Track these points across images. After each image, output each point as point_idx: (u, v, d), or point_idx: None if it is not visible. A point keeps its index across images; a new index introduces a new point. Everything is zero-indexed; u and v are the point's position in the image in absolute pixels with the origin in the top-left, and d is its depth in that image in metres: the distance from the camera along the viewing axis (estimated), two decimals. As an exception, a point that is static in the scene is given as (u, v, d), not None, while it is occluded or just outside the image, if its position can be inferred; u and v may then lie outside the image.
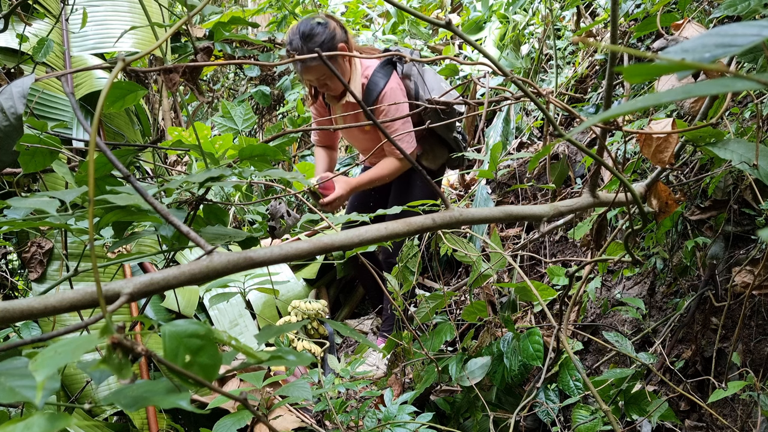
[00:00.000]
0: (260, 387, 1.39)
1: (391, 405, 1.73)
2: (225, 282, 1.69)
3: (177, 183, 0.94)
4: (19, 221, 0.89)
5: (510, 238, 2.80)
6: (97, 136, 0.56)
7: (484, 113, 1.40)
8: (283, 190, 2.86)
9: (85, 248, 1.39)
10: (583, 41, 0.48)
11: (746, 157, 1.00)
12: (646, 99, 0.39)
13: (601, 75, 2.97)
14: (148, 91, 3.67)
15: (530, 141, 3.22)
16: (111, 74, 0.59)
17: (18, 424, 0.48)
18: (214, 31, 2.03)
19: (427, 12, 4.96)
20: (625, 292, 2.12)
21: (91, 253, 0.52)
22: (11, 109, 0.91)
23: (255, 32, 4.41)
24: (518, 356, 1.65)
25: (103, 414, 2.02)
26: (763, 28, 0.40)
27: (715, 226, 1.79)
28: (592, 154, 0.91)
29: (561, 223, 1.88)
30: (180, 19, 2.13)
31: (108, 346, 0.47)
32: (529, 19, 3.66)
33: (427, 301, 1.90)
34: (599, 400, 1.05)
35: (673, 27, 1.32)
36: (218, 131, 3.55)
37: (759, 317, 1.68)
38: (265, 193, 3.86)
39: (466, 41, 0.82)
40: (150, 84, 3.55)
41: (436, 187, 0.82)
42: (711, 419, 1.68)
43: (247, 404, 0.53)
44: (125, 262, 1.01)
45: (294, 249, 0.67)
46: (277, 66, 2.13)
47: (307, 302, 2.57)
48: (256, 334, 0.76)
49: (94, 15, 2.51)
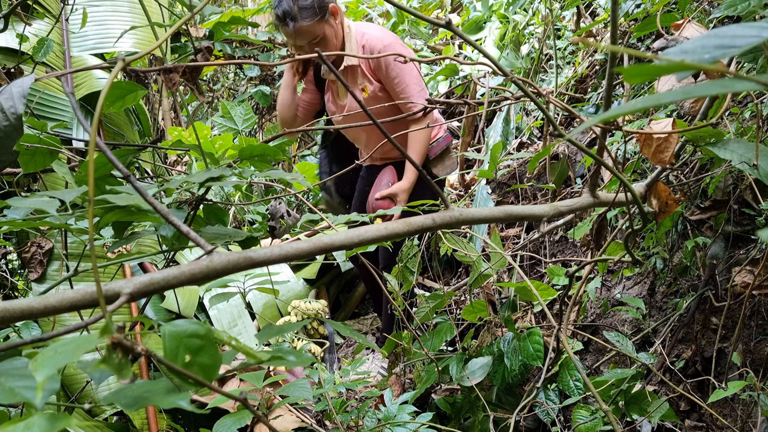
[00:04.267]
0: (260, 387, 1.39)
1: (391, 405, 1.73)
2: (225, 282, 1.69)
3: (177, 183, 0.94)
4: (19, 221, 0.89)
5: (510, 238, 2.80)
6: (97, 136, 0.56)
7: (484, 113, 1.40)
8: (283, 190, 2.85)
9: (85, 248, 1.39)
10: (583, 41, 0.48)
11: (746, 157, 1.00)
12: (646, 99, 0.39)
13: (601, 75, 2.97)
14: (148, 91, 3.67)
15: (530, 141, 3.22)
16: (111, 74, 0.59)
17: (18, 424, 0.48)
18: (214, 31, 2.03)
19: (427, 12, 4.96)
20: (625, 292, 2.12)
21: (91, 253, 0.52)
22: (11, 109, 0.91)
23: (255, 32, 4.40)
24: (518, 356, 1.65)
25: (103, 414, 2.03)
26: (762, 29, 0.40)
27: (715, 226, 1.79)
28: (592, 154, 0.91)
29: (561, 223, 1.88)
30: (180, 19, 2.13)
31: (108, 346, 0.47)
32: (529, 19, 3.65)
33: (427, 301, 1.90)
34: (599, 400, 1.06)
35: (673, 27, 1.32)
36: (218, 131, 3.55)
37: (759, 317, 1.68)
38: (265, 193, 3.86)
39: (466, 41, 0.82)
40: (150, 84, 3.55)
41: (437, 187, 0.82)
42: (711, 419, 1.68)
43: (247, 404, 0.53)
44: (125, 262, 1.01)
45: (294, 249, 0.67)
46: (277, 66, 2.12)
47: (307, 302, 2.57)
48: (256, 334, 0.76)
49: (94, 15, 2.51)
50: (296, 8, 2.15)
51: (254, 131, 4.67)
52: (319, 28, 2.20)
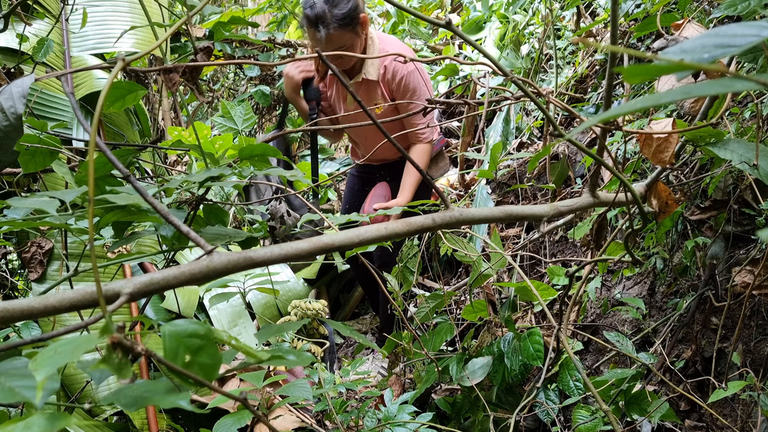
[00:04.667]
0: (260, 387, 1.39)
1: (391, 405, 1.73)
2: (225, 282, 1.69)
3: (177, 183, 0.94)
4: (19, 221, 0.89)
5: (510, 238, 2.80)
6: (97, 136, 0.56)
7: (484, 113, 1.40)
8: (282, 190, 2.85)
9: (85, 248, 1.39)
10: (583, 41, 0.48)
11: (746, 157, 1.00)
12: (646, 99, 0.39)
13: (601, 75, 2.97)
14: (148, 91, 3.67)
15: (530, 141, 3.22)
16: (111, 74, 0.59)
17: (18, 424, 0.48)
18: (214, 31, 2.03)
19: (427, 12, 4.96)
20: (625, 292, 2.12)
21: (91, 253, 0.52)
22: (11, 109, 0.91)
23: (255, 32, 4.41)
24: (518, 356, 1.65)
25: (103, 414, 2.02)
26: (762, 29, 0.40)
27: (715, 226, 1.79)
28: (592, 154, 0.91)
29: (561, 223, 1.88)
30: (180, 19, 2.13)
31: (108, 346, 0.47)
32: (529, 19, 3.65)
33: (427, 301, 1.90)
34: (599, 400, 1.05)
35: (673, 27, 1.32)
36: (218, 131, 3.55)
37: (759, 317, 1.68)
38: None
39: (466, 41, 0.82)
40: (150, 84, 3.55)
41: (437, 187, 0.82)
42: (711, 419, 1.68)
43: (247, 404, 0.53)
44: (125, 262, 1.01)
45: (294, 249, 0.67)
46: (277, 66, 2.11)
47: (307, 302, 2.57)
48: (256, 334, 0.76)
49: (94, 15, 2.51)
50: (330, 15, 2.08)
51: (254, 131, 4.67)
52: (349, 37, 2.16)
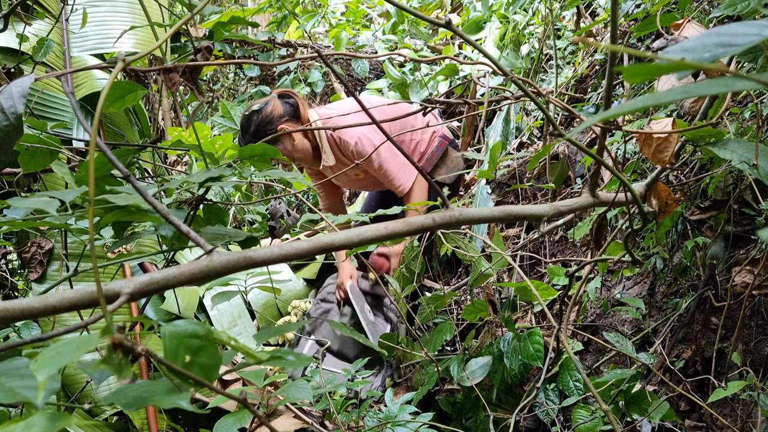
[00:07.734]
0: (261, 387, 1.39)
1: (392, 405, 1.73)
2: (226, 281, 1.69)
3: (177, 183, 0.94)
4: (19, 221, 0.89)
5: (510, 238, 2.80)
6: (97, 136, 0.56)
7: (484, 113, 1.40)
8: (283, 190, 2.87)
9: (85, 248, 1.39)
10: (583, 41, 0.48)
11: (746, 157, 1.00)
12: (646, 99, 0.39)
13: (601, 75, 2.97)
14: (148, 91, 3.67)
15: (530, 141, 3.22)
16: (111, 74, 0.59)
17: (18, 424, 0.48)
18: (214, 31, 2.03)
19: (427, 12, 4.96)
20: (625, 292, 2.12)
21: (92, 253, 0.52)
22: (11, 109, 0.91)
23: (255, 32, 4.41)
24: (518, 356, 1.65)
25: (103, 414, 2.02)
26: (763, 28, 0.40)
27: (715, 226, 1.79)
28: (592, 154, 0.91)
29: (561, 223, 1.88)
30: (180, 19, 2.12)
31: (108, 346, 0.47)
32: (529, 19, 3.65)
33: (427, 302, 1.90)
34: (599, 400, 1.05)
35: (673, 27, 1.32)
36: (218, 131, 3.55)
37: (759, 317, 1.67)
38: (265, 193, 3.86)
39: (466, 41, 0.82)
40: (150, 84, 3.55)
41: (437, 187, 0.82)
42: (711, 419, 1.68)
43: (247, 404, 0.53)
44: (125, 262, 1.01)
45: (294, 249, 0.67)
46: (277, 66, 2.12)
47: (307, 302, 2.57)
48: (255, 334, 0.76)
49: (94, 15, 2.51)
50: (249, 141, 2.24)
51: (254, 131, 4.66)
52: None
